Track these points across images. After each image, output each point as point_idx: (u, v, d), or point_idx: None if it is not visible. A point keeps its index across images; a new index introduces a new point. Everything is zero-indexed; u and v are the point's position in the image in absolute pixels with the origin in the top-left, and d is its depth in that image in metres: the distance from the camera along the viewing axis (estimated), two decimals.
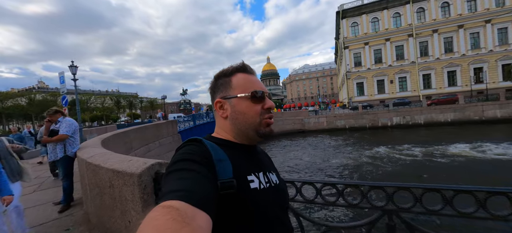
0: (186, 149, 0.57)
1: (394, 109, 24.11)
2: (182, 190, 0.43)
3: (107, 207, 2.22)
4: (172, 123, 10.94)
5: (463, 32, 30.50)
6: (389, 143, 16.48)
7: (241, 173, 0.59)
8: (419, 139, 16.85)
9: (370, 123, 24.34)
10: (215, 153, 0.57)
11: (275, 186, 0.68)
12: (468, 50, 30.50)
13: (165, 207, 0.38)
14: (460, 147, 13.45)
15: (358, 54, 35.53)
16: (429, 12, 31.80)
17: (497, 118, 20.54)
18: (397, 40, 33.30)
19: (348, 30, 35.89)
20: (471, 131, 17.74)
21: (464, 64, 30.56)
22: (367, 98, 34.61)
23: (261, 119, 0.68)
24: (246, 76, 0.71)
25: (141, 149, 7.96)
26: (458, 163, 10.76)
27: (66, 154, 3.32)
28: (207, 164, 0.54)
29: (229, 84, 0.69)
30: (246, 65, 0.73)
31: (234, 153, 0.62)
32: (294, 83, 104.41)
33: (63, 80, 9.17)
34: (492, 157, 11.22)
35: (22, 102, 33.29)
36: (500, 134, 15.62)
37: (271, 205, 0.62)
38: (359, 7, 34.78)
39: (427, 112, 22.70)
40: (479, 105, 21.33)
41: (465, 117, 21.38)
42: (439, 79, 31.74)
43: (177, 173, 0.49)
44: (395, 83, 33.61)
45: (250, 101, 0.67)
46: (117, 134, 6.38)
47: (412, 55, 32.58)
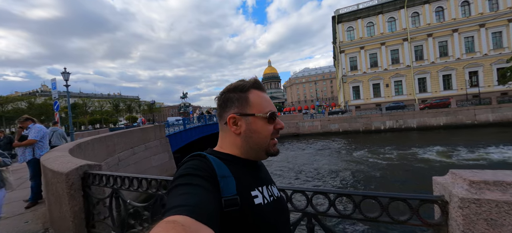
0: (190, 164, 0.58)
1: (387, 113, 24.31)
2: (186, 205, 0.43)
3: (52, 202, 2.56)
4: (160, 127, 11.29)
5: (458, 36, 30.69)
6: (372, 146, 16.70)
7: (245, 189, 0.60)
8: (396, 142, 17.05)
9: (363, 127, 24.53)
10: (219, 169, 0.58)
11: (278, 199, 0.70)
12: (462, 54, 30.64)
13: (169, 222, 0.38)
14: (432, 151, 13.63)
15: (354, 58, 35.83)
16: (424, 16, 32.09)
17: (489, 122, 20.63)
18: (392, 44, 33.56)
19: (344, 35, 36.26)
20: (458, 135, 17.89)
21: (459, 68, 30.68)
22: (363, 102, 34.80)
23: (270, 140, 0.69)
24: (261, 95, 0.71)
25: (125, 153, 8.33)
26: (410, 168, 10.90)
27: (35, 157, 3.69)
28: (211, 180, 0.54)
29: (247, 101, 0.69)
30: (260, 82, 0.74)
31: (237, 169, 0.63)
32: (294, 87, 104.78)
33: (54, 86, 9.62)
34: (455, 161, 11.37)
35: (21, 105, 34.15)
36: (488, 138, 15.74)
37: (276, 218, 0.63)
38: (354, 12, 35.19)
39: (419, 116, 22.86)
40: (471, 109, 21.45)
41: (458, 121, 21.49)
42: (435, 82, 31.85)
43: (181, 188, 0.50)
44: (391, 86, 33.78)
45: (266, 121, 0.68)
46: (99, 138, 6.76)
47: (407, 59, 32.79)
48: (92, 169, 2.23)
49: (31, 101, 34.62)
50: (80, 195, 2.16)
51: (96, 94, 72.26)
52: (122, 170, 7.88)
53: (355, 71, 35.69)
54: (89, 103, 40.73)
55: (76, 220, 2.12)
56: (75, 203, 2.12)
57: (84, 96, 66.57)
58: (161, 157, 10.74)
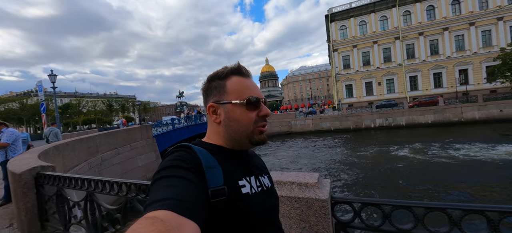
0: (173, 156, 0.56)
1: (377, 111, 24.68)
2: (167, 199, 0.42)
3: (14, 199, 2.84)
4: (146, 127, 11.54)
5: (448, 34, 31.08)
6: (356, 145, 17.07)
7: (232, 179, 0.59)
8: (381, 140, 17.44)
9: (354, 125, 24.91)
10: (205, 159, 0.57)
11: (267, 189, 0.68)
12: (453, 52, 31.06)
13: (148, 218, 0.35)
14: (409, 149, 14.01)
15: (346, 57, 36.15)
16: (415, 15, 32.43)
17: (476, 120, 21.07)
18: (384, 43, 33.90)
19: (337, 33, 36.54)
20: (443, 133, 18.30)
21: (449, 66, 31.11)
22: (356, 100, 35.19)
23: (255, 127, 0.66)
24: (241, 80, 0.68)
25: (109, 153, 8.58)
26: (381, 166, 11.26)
27: (7, 159, 3.96)
28: (196, 171, 0.53)
29: (224, 88, 0.67)
30: (242, 67, 0.70)
31: (225, 159, 0.62)
32: (291, 85, 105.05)
33: (41, 88, 9.81)
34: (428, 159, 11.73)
35: (13, 106, 34.14)
36: (470, 136, 16.15)
37: (263, 208, 0.62)
38: (347, 11, 35.45)
39: (408, 114, 23.26)
40: (458, 107, 21.87)
41: (445, 119, 21.92)
42: (425, 80, 32.28)
43: (163, 180, 0.48)
44: (383, 85, 34.18)
45: (245, 108, 0.65)
46: (80, 140, 7.01)
47: (399, 57, 33.17)
48: (45, 170, 2.51)
49: (23, 102, 34.62)
50: (33, 193, 2.44)
51: (92, 93, 72.02)
52: (106, 170, 8.14)
53: (348, 69, 36.02)
54: (82, 103, 40.71)
55: (29, 214, 2.41)
56: (27, 199, 2.40)
57: (79, 96, 66.39)
58: (147, 157, 11.00)
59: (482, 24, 29.73)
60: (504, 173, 8.85)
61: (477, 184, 7.96)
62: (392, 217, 0.93)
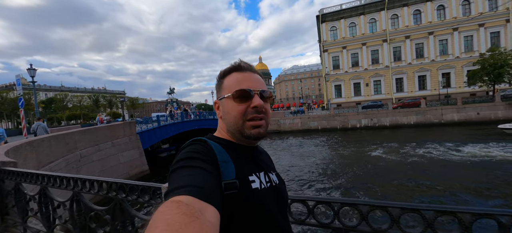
0: (191, 148, 0.59)
1: (363, 111, 25.35)
2: (190, 186, 0.44)
3: None
4: (130, 124, 11.48)
5: (433, 38, 32.17)
6: (337, 144, 17.58)
7: (243, 173, 0.61)
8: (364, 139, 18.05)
9: (340, 125, 25.50)
10: (219, 154, 0.60)
11: (275, 186, 0.70)
12: (437, 56, 32.20)
13: (174, 201, 0.38)
14: (384, 148, 14.62)
15: (336, 58, 36.78)
16: (402, 19, 33.34)
17: (455, 121, 22.03)
18: (373, 45, 34.71)
19: (327, 34, 37.08)
20: (423, 133, 19.08)
21: (433, 69, 32.25)
22: (345, 100, 35.93)
23: (244, 121, 0.66)
24: (238, 75, 0.70)
25: (89, 149, 8.54)
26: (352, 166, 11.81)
27: None
28: (212, 163, 0.56)
29: (221, 85, 0.71)
30: (241, 63, 0.72)
31: (236, 154, 0.64)
32: (283, 84, 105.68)
33: (19, 82, 9.57)
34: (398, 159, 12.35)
35: None
36: (447, 136, 16.92)
37: (271, 204, 0.64)
38: (337, 12, 36.01)
39: (392, 115, 24.03)
40: (439, 109, 22.79)
41: (426, 120, 22.79)
42: (411, 83, 33.35)
43: (184, 169, 0.51)
44: (370, 86, 35.04)
45: (232, 100, 0.67)
46: (56, 136, 6.97)
47: (386, 59, 34.07)
48: (6, 165, 2.60)
49: (3, 95, 33.17)
50: None
51: (79, 88, 69.98)
52: (85, 166, 8.11)
53: (338, 70, 36.68)
54: (67, 98, 39.50)
55: None
56: None
57: (66, 90, 64.41)
58: (130, 154, 10.98)
59: (465, 29, 30.95)
60: (469, 173, 9.43)
61: (441, 183, 8.46)
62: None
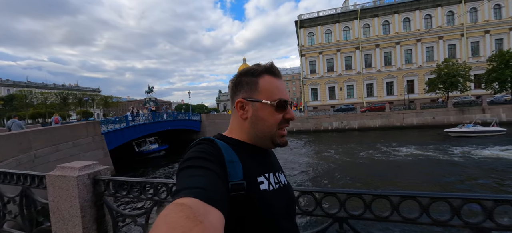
0: (198, 147, 0.58)
1: (334, 114, 26.81)
2: (195, 187, 0.44)
3: None
4: (94, 124, 11.30)
5: (400, 48, 34.82)
6: (304, 146, 18.60)
7: (251, 174, 0.60)
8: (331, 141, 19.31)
9: (314, 127, 26.71)
10: (227, 154, 0.58)
11: (284, 187, 0.69)
12: (403, 64, 34.89)
13: (178, 204, 0.38)
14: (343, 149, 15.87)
15: (313, 62, 38.31)
16: (373, 28, 35.67)
17: (414, 125, 24.12)
18: (347, 52, 36.69)
19: (305, 39, 38.51)
20: (385, 135, 20.77)
21: (399, 76, 34.88)
22: (320, 103, 37.50)
23: (277, 129, 0.67)
24: (273, 81, 0.69)
25: (45, 149, 8.36)
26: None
27: None
28: (219, 164, 0.55)
29: (256, 86, 0.68)
30: (275, 67, 0.70)
31: (245, 154, 0.63)
32: None
33: None
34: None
35: None
36: (404, 138, 18.57)
37: (280, 205, 0.64)
38: (315, 19, 37.58)
39: (360, 118, 25.70)
40: (400, 113, 24.81)
41: (390, 123, 24.69)
42: (380, 88, 35.74)
43: (190, 170, 0.51)
44: (344, 90, 36.98)
45: (274, 109, 0.66)
46: (7, 135, 6.83)
47: (358, 65, 36.19)
48: None
49: None
50: None
51: (48, 84, 65.25)
52: (40, 166, 7.95)
53: (314, 74, 38.22)
54: (31, 94, 36.63)
55: None
56: None
57: (32, 86, 59.79)
58: (93, 154, 10.81)
59: (427, 41, 33.93)
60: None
61: (386, 179, 9.51)
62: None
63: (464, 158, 11.86)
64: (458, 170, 10.22)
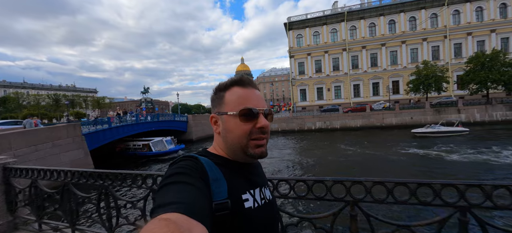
0: (181, 164, 0.58)
1: (318, 114, 27.74)
2: (179, 202, 0.43)
3: None
4: (74, 125, 12.16)
5: (385, 50, 35.69)
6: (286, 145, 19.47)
7: (236, 192, 0.60)
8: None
9: (298, 127, 27.60)
10: (211, 171, 0.58)
11: (269, 201, 0.70)
12: (388, 65, 35.77)
13: (162, 219, 0.37)
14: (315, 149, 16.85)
15: (302, 63, 39.18)
16: (360, 30, 36.54)
17: (393, 125, 25.03)
18: (334, 53, 37.56)
19: (294, 41, 39.35)
20: (363, 135, 21.68)
21: (385, 77, 35.76)
22: (309, 103, 38.38)
23: (248, 140, 0.65)
24: (240, 91, 0.68)
25: (25, 150, 9.23)
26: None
27: None
28: (203, 180, 0.55)
29: (222, 99, 0.68)
30: (244, 78, 0.71)
31: (230, 171, 0.63)
32: (261, 85, 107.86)
33: None
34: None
35: None
36: (380, 137, 19.47)
37: (264, 222, 0.64)
38: (303, 21, 38.42)
39: (342, 118, 26.60)
40: (380, 113, 25.72)
41: (370, 123, 25.60)
42: (366, 89, 36.63)
43: (173, 185, 0.50)
44: (332, 91, 37.86)
45: (238, 119, 0.65)
46: None
47: (346, 67, 37.06)
48: None
49: None
50: None
51: (44, 84, 65.97)
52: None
53: (303, 75, 39.08)
54: (23, 96, 37.27)
55: None
56: None
57: (28, 87, 60.61)
58: (74, 154, 11.68)
59: (411, 43, 34.82)
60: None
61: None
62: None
63: (407, 156, 13.02)
64: (393, 165, 11.52)
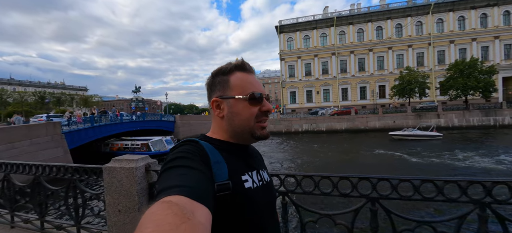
0: (183, 148, 0.59)
1: (305, 117, 28.29)
2: (181, 186, 0.44)
3: None
4: (54, 124, 12.24)
5: (372, 55, 36.66)
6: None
7: (236, 173, 0.62)
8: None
9: (285, 129, 28.06)
10: (212, 154, 0.60)
11: (266, 183, 0.72)
12: (375, 70, 36.75)
13: (164, 202, 0.38)
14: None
15: (292, 66, 39.79)
16: (348, 35, 37.43)
17: (376, 128, 25.77)
18: (323, 57, 38.32)
19: (285, 44, 39.95)
20: (351, 137, 22.30)
21: (372, 82, 36.70)
22: (298, 106, 38.98)
23: (255, 122, 0.69)
24: (245, 76, 0.70)
25: (0, 147, 9.31)
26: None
27: None
28: (205, 164, 0.56)
29: (227, 83, 0.69)
30: (245, 63, 0.72)
31: (229, 154, 0.65)
32: None
33: None
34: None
35: None
36: (359, 140, 20.08)
37: (263, 202, 0.67)
38: (294, 25, 39.08)
39: (328, 121, 27.21)
40: (365, 117, 26.44)
41: (355, 126, 26.28)
42: (354, 92, 37.49)
43: (176, 169, 0.51)
44: (321, 94, 38.57)
45: (247, 102, 0.68)
46: None
47: (334, 70, 37.85)
48: None
49: None
50: None
51: (32, 81, 64.66)
52: None
53: (293, 78, 39.69)
54: (7, 93, 36.45)
55: None
56: None
57: (15, 83, 59.32)
58: (52, 152, 11.73)
59: (397, 49, 35.89)
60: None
61: None
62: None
63: (375, 157, 13.75)
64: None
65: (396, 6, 35.89)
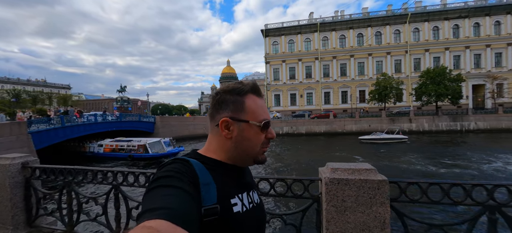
0: (171, 167, 0.57)
1: (285, 119, 28.98)
2: (164, 208, 0.42)
3: None
4: (19, 123, 12.08)
5: (354, 60, 37.98)
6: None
7: (225, 196, 0.60)
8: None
9: None
10: (202, 175, 0.58)
11: (257, 205, 0.71)
12: (356, 75, 38.06)
13: (145, 228, 0.36)
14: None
15: (277, 70, 40.52)
16: (331, 41, 38.61)
17: (353, 131, 26.75)
18: (307, 61, 39.29)
19: (270, 48, 40.65)
20: (330, 140, 23.07)
21: (353, 86, 37.97)
22: (282, 109, 39.68)
23: (261, 148, 0.68)
24: (258, 101, 0.70)
25: None
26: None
27: None
28: (193, 185, 0.54)
29: (242, 105, 0.67)
30: (258, 86, 0.72)
31: (220, 175, 0.63)
32: None
33: None
34: None
35: None
36: (337, 144, 20.84)
37: (252, 226, 0.65)
38: (279, 29, 39.87)
39: (308, 124, 27.99)
40: (342, 120, 27.42)
41: (332, 129, 27.18)
42: (336, 96, 38.63)
43: (160, 189, 0.49)
44: (304, 97, 39.48)
45: (259, 129, 0.67)
46: None
47: (317, 75, 38.88)
48: None
49: None
50: None
51: (10, 78, 62.13)
52: None
53: (278, 81, 40.41)
54: None
55: None
56: None
57: None
58: (16, 153, 11.60)
59: (377, 55, 37.38)
60: None
61: None
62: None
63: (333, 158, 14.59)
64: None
65: (376, 15, 37.43)
